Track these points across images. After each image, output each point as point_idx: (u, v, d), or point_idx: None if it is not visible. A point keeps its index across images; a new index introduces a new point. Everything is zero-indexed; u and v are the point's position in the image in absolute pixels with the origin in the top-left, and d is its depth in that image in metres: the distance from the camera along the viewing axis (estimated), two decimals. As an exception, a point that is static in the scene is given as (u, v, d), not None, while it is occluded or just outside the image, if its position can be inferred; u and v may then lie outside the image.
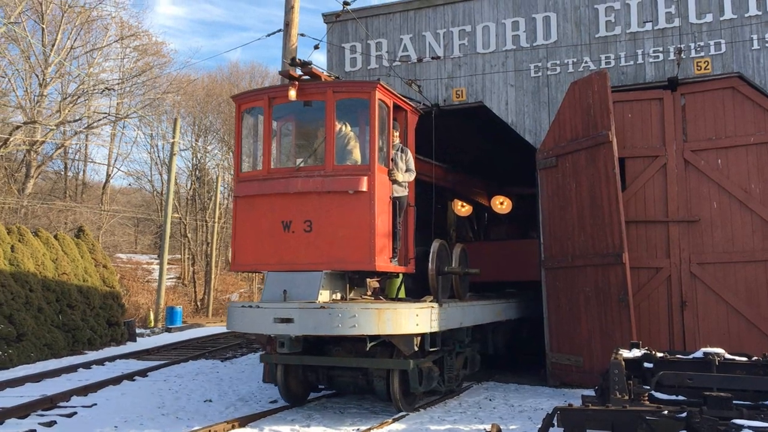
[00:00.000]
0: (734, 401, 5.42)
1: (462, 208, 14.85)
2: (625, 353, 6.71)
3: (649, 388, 6.00)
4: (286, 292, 8.15)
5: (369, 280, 9.01)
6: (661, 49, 10.74)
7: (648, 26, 10.84)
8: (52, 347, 15.44)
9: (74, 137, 33.86)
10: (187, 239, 40.50)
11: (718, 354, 6.51)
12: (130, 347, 18.16)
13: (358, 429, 7.79)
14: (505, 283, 13.28)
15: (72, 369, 13.28)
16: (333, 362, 8.74)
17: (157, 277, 28.54)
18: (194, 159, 42.62)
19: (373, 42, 12.51)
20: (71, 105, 30.71)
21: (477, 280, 11.20)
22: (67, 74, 31.61)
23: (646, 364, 6.55)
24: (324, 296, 8.12)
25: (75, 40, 31.85)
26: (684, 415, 5.02)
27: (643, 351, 6.82)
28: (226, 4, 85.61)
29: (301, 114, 9.06)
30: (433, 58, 12.07)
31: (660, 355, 6.73)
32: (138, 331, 21.59)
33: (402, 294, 9.47)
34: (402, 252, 8.85)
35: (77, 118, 31.73)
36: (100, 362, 14.44)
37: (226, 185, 40.95)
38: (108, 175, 39.14)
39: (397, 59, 12.23)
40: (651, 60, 10.79)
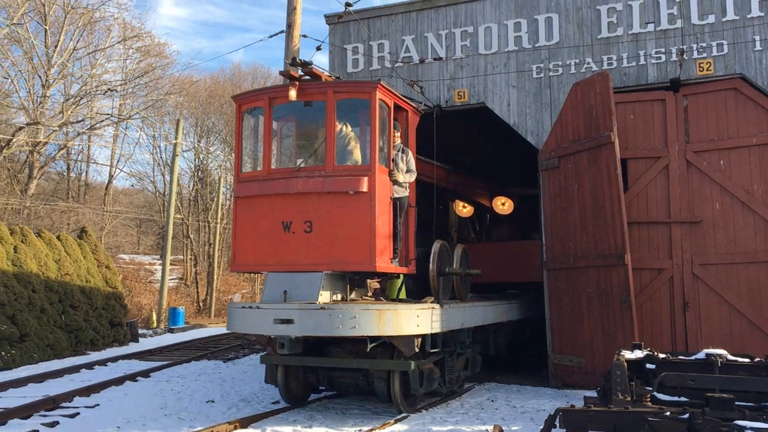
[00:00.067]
0: (736, 402, 5.41)
1: (463, 209, 14.84)
2: (628, 354, 6.69)
3: (651, 389, 5.98)
4: (286, 292, 8.13)
5: (369, 281, 8.99)
6: (663, 50, 10.72)
7: (650, 27, 10.82)
8: (55, 348, 15.47)
9: (77, 138, 33.98)
10: (189, 240, 40.55)
11: (720, 355, 6.49)
12: (132, 348, 18.18)
13: (360, 430, 7.78)
14: (507, 284, 13.26)
15: (75, 369, 13.29)
16: (333, 363, 8.72)
17: (160, 278, 28.56)
18: (197, 160, 42.73)
19: (375, 43, 12.51)
20: (74, 106, 30.78)
21: (478, 281, 11.19)
22: (69, 75, 31.75)
23: (649, 366, 6.53)
24: (324, 297, 8.09)
25: (78, 42, 31.96)
26: (686, 416, 5.01)
27: (646, 352, 6.80)
28: (229, 5, 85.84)
29: (301, 114, 9.05)
30: (435, 59, 12.06)
31: (662, 356, 6.71)
32: (140, 331, 21.62)
33: (403, 295, 9.45)
34: (403, 253, 8.83)
35: (80, 119, 31.80)
36: (103, 363, 14.46)
37: (228, 186, 40.98)
38: (111, 176, 39.30)
39: (399, 60, 12.22)
40: (653, 61, 10.77)
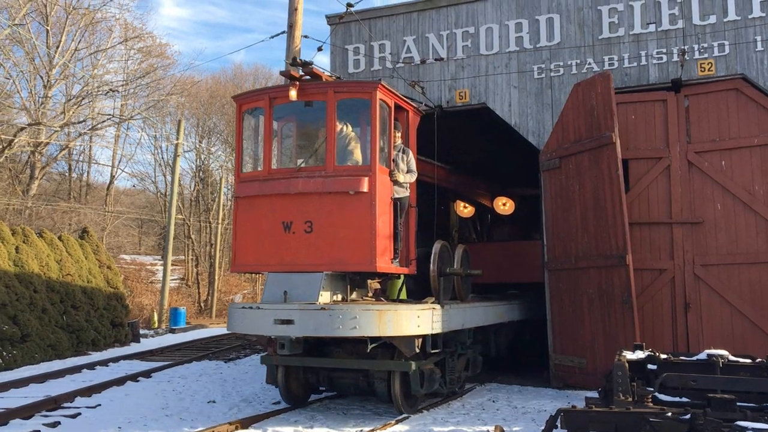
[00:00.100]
0: (738, 403, 5.41)
1: (464, 209, 14.83)
2: (629, 355, 6.68)
3: (652, 390, 5.98)
4: (286, 293, 8.11)
5: (370, 281, 8.99)
6: (664, 50, 10.71)
7: (651, 27, 10.81)
8: (56, 348, 15.48)
9: (78, 139, 34.01)
10: (190, 240, 40.59)
11: (721, 356, 6.48)
12: (133, 348, 18.19)
13: (361, 430, 7.77)
14: (508, 285, 13.24)
15: (76, 370, 13.30)
16: (334, 364, 8.70)
17: (161, 278, 28.59)
18: (198, 160, 42.80)
19: (376, 44, 12.51)
20: (75, 106, 30.81)
21: (479, 281, 11.18)
22: (71, 76, 31.76)
23: (650, 366, 6.53)
24: (324, 297, 8.08)
25: (79, 42, 31.99)
26: (688, 417, 5.01)
27: (647, 353, 6.80)
28: (231, 5, 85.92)
29: (302, 114, 9.02)
30: (436, 60, 12.05)
31: (663, 356, 6.71)
32: (142, 331, 21.63)
33: (403, 295, 9.43)
34: (403, 253, 8.81)
35: (81, 119, 31.85)
36: (104, 363, 14.46)
37: (229, 186, 40.99)
38: (112, 177, 39.35)
39: (401, 61, 12.22)
40: (654, 61, 10.75)
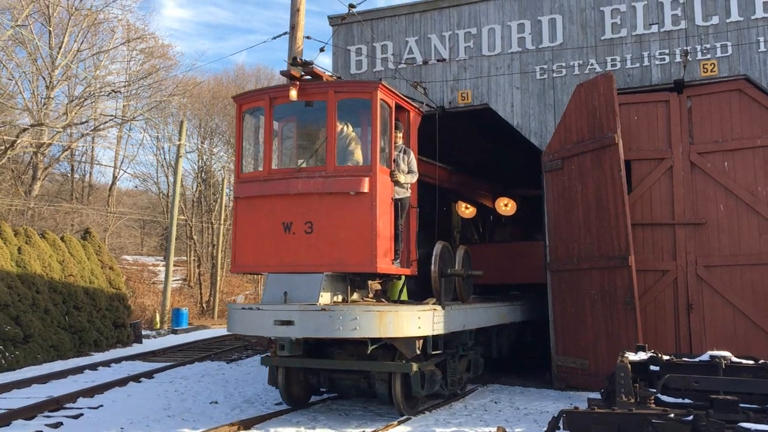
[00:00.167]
0: (741, 404, 5.40)
1: (466, 210, 14.81)
2: (631, 356, 6.66)
3: (655, 391, 5.97)
4: (286, 294, 8.08)
5: (371, 282, 8.96)
6: (667, 51, 10.68)
7: (654, 28, 10.79)
8: (59, 349, 15.48)
9: (81, 139, 34.10)
10: (192, 241, 40.64)
11: (724, 357, 6.46)
12: (136, 349, 18.19)
13: (363, 431, 7.76)
14: (510, 286, 13.22)
15: (78, 370, 13.29)
16: (334, 365, 8.66)
17: (163, 279, 28.60)
18: (200, 161, 42.85)
19: (378, 44, 12.50)
20: (78, 107, 30.90)
21: (481, 282, 11.16)
22: (73, 77, 31.84)
23: (653, 367, 6.51)
24: (325, 298, 8.04)
25: (82, 43, 32.08)
26: (690, 418, 4.99)
27: (650, 354, 6.78)
28: (233, 6, 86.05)
29: (302, 114, 8.98)
30: (438, 61, 12.04)
31: (666, 358, 6.69)
32: (144, 332, 21.64)
33: (404, 296, 9.41)
34: (404, 254, 8.78)
35: (84, 120, 31.95)
36: (107, 364, 14.46)
37: (231, 187, 41.02)
38: (114, 177, 39.42)
39: (403, 62, 12.21)
40: (657, 62, 10.73)
